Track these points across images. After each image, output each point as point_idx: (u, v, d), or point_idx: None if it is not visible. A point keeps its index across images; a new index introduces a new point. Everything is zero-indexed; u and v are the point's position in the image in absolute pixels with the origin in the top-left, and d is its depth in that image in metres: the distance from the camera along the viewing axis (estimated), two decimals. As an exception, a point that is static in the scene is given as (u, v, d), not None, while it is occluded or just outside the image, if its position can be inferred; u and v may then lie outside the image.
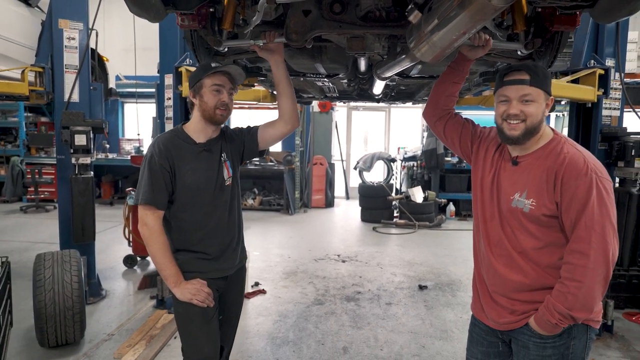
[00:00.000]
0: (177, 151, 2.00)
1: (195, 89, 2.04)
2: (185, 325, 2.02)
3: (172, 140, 2.03)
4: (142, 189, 1.94)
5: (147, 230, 1.93)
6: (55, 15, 4.06)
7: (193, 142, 2.05)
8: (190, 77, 2.12)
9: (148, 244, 1.95)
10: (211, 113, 2.01)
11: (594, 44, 3.80)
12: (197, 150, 2.04)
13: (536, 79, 1.60)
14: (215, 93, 2.00)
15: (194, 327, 1.99)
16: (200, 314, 1.97)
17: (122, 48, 9.83)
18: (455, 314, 4.17)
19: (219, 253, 2.07)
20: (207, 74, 2.00)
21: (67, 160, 4.05)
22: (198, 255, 2.03)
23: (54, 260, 3.30)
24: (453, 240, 7.24)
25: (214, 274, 2.05)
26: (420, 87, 3.87)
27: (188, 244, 2.03)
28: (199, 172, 2.02)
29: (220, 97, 2.01)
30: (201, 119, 2.05)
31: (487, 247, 1.69)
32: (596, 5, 1.63)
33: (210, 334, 2.00)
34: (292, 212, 9.40)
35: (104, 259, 5.51)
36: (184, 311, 1.99)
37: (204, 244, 2.04)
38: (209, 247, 2.05)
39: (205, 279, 2.00)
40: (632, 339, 3.68)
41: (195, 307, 1.95)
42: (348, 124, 11.84)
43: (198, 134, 2.07)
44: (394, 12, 1.93)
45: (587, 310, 1.48)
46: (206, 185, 2.03)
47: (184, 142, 2.04)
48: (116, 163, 9.90)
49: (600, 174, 1.49)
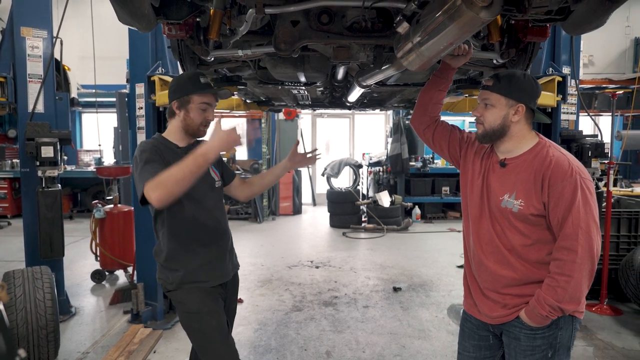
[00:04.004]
0: (163, 152, 2.00)
1: (181, 102, 2.04)
2: (206, 342, 1.99)
3: (156, 144, 2.03)
4: (143, 175, 1.82)
5: (159, 191, 1.69)
6: (17, 23, 3.90)
7: (175, 146, 2.08)
8: (176, 86, 2.09)
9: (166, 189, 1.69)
10: (195, 129, 2.06)
11: (552, 53, 4.06)
12: (181, 153, 2.01)
13: (498, 86, 1.71)
14: (201, 112, 2.04)
15: (216, 343, 1.98)
16: (218, 329, 1.96)
17: (78, 56, 9.49)
18: (431, 314, 4.30)
19: (218, 255, 2.08)
20: (198, 92, 2.01)
21: (32, 173, 3.89)
22: (200, 258, 2.02)
23: (24, 277, 3.16)
24: (421, 242, 7.44)
25: (216, 281, 2.05)
26: (391, 94, 3.99)
27: (188, 243, 2.02)
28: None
29: (206, 115, 2.05)
30: (181, 130, 2.08)
31: (478, 245, 1.78)
32: (568, 19, 1.77)
33: (233, 349, 2.01)
34: (261, 220, 9.35)
35: (70, 275, 5.29)
36: (201, 327, 1.96)
37: (203, 242, 2.04)
38: (207, 246, 2.05)
39: (209, 287, 1.99)
40: (594, 329, 3.92)
41: (212, 321, 1.95)
42: (313, 130, 11.93)
43: (179, 141, 2.10)
44: (378, 23, 2.02)
45: (575, 302, 1.58)
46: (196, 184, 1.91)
47: (166, 147, 2.05)
48: (75, 175, 9.50)
49: (584, 176, 1.60)
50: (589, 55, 11.20)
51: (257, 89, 3.63)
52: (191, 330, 2.02)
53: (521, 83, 1.72)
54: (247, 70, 2.87)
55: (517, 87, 1.71)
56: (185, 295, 2.01)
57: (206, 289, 2.02)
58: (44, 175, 3.81)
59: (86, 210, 9.63)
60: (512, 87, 1.70)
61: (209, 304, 2.00)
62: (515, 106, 1.70)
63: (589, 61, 11.29)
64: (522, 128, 1.74)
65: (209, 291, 2.03)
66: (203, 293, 2.01)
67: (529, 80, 1.73)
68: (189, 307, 2.00)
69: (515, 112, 1.71)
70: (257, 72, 2.89)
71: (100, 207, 5.16)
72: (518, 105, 1.70)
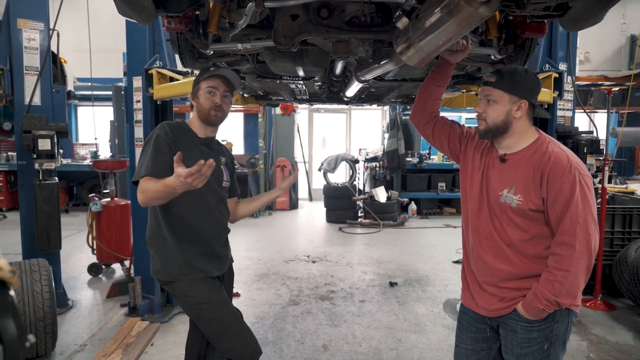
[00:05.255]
0: (181, 138, 2.06)
1: (194, 92, 2.16)
2: (222, 327, 2.03)
3: (178, 128, 2.09)
4: (144, 164, 1.91)
5: (143, 196, 1.82)
6: (13, 15, 3.87)
7: (195, 135, 2.14)
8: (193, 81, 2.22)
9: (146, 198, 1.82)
10: (206, 114, 2.11)
11: (548, 49, 4.08)
12: (199, 142, 2.13)
13: (501, 82, 1.71)
14: (208, 95, 2.09)
15: (234, 327, 2.04)
16: (232, 315, 2.04)
17: (74, 49, 9.43)
18: (427, 308, 4.33)
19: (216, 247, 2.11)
20: (203, 77, 2.10)
21: (29, 166, 3.88)
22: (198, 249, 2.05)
23: (22, 270, 3.16)
24: (417, 237, 7.47)
25: (214, 272, 2.08)
26: (389, 89, 3.99)
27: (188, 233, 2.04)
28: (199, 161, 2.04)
29: (213, 99, 2.09)
30: (198, 119, 2.16)
31: (476, 240, 1.79)
32: (566, 15, 1.78)
33: (248, 331, 2.08)
34: (257, 214, 9.37)
35: (66, 269, 5.27)
36: (215, 315, 2.01)
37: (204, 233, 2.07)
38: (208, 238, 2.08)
39: (209, 278, 2.01)
40: (588, 324, 3.96)
41: (224, 307, 2.02)
42: (310, 126, 11.93)
43: (198, 130, 2.17)
44: (377, 18, 2.02)
45: (572, 297, 1.61)
46: None
47: (187, 132, 2.12)
48: (71, 169, 9.47)
49: (583, 172, 1.62)
50: (585, 52, 11.23)
51: (255, 83, 3.62)
52: (204, 321, 2.03)
53: (524, 79, 1.72)
54: (245, 64, 2.86)
55: (520, 83, 1.71)
56: (189, 287, 2.02)
57: (207, 278, 2.04)
58: (41, 168, 3.80)
59: (82, 203, 9.62)
60: (515, 83, 1.70)
61: (217, 292, 2.04)
62: (518, 102, 1.70)
63: (585, 58, 11.33)
64: (524, 124, 1.74)
65: (211, 281, 2.06)
66: (207, 282, 2.04)
67: (530, 76, 1.74)
68: (197, 298, 2.01)
69: (518, 108, 1.71)
70: (256, 66, 2.89)
71: (97, 201, 5.16)
72: (521, 102, 1.70)
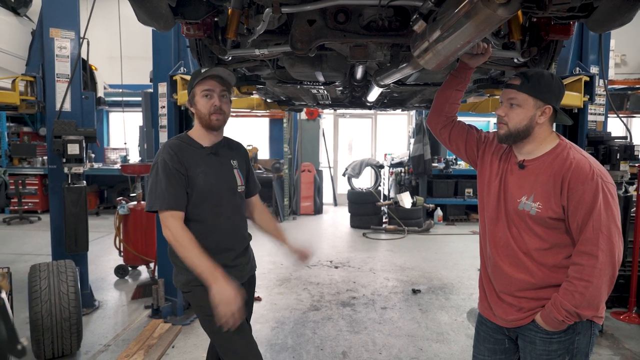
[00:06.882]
0: (187, 155, 2.04)
1: (190, 99, 2.11)
2: (228, 343, 2.01)
3: (180, 145, 2.07)
4: (159, 195, 1.93)
5: (171, 234, 1.91)
6: (46, 24, 4.02)
7: (200, 146, 2.10)
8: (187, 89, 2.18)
9: (176, 247, 1.92)
10: (207, 120, 2.06)
11: (579, 52, 3.95)
12: (205, 153, 2.10)
13: (526, 85, 1.63)
14: (206, 99, 2.04)
15: (239, 343, 2.01)
16: (239, 331, 1.97)
17: (106, 56, 9.74)
18: (450, 317, 4.23)
19: (235, 259, 2.09)
20: (196, 81, 2.04)
21: (59, 170, 4.01)
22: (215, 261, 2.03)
23: (49, 271, 3.26)
24: (442, 244, 7.34)
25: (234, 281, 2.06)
26: (412, 94, 3.95)
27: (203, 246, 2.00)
28: (210, 174, 2.06)
29: (211, 101, 2.03)
30: (201, 127, 2.11)
31: (493, 248, 1.74)
32: (591, 16, 1.71)
33: (255, 349, 2.06)
34: (281, 219, 9.40)
35: (94, 270, 5.43)
36: (221, 329, 1.95)
37: (219, 247, 2.05)
38: (224, 252, 2.06)
39: None
40: (621, 337, 3.78)
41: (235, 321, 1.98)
42: (335, 131, 11.92)
43: (202, 139, 2.12)
44: (395, 22, 2.00)
45: (593, 309, 1.53)
46: (217, 188, 2.06)
47: (190, 147, 2.09)
48: (102, 173, 9.77)
49: (606, 179, 1.54)
50: (621, 54, 10.82)
51: (277, 89, 3.65)
52: (212, 332, 2.03)
53: (550, 83, 1.65)
54: (265, 69, 2.88)
55: (546, 87, 1.64)
56: (201, 297, 1.99)
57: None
58: (69, 171, 3.92)
59: (112, 206, 9.86)
60: (541, 87, 1.63)
61: None
62: (543, 107, 1.64)
63: (621, 61, 10.91)
64: (546, 130, 1.68)
65: None
66: None
67: (556, 80, 1.67)
68: (207, 310, 1.98)
69: (542, 113, 1.64)
70: (276, 71, 2.90)
71: (124, 204, 5.28)
72: (546, 107, 1.64)
